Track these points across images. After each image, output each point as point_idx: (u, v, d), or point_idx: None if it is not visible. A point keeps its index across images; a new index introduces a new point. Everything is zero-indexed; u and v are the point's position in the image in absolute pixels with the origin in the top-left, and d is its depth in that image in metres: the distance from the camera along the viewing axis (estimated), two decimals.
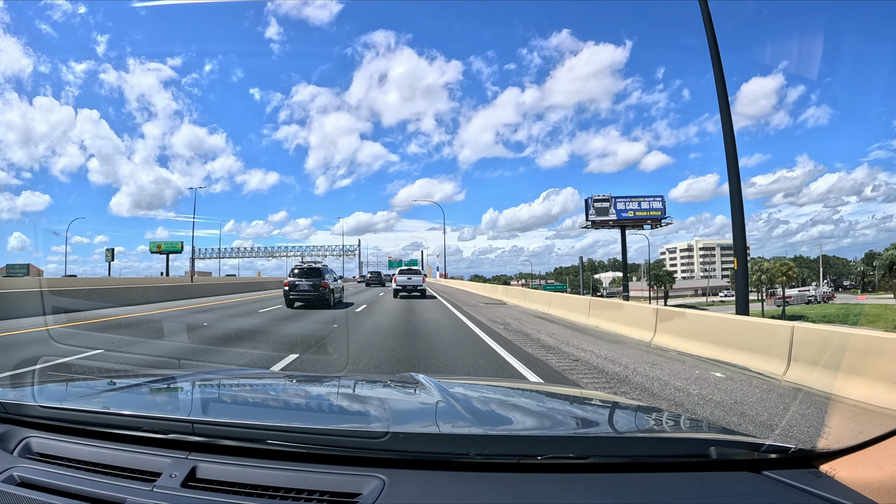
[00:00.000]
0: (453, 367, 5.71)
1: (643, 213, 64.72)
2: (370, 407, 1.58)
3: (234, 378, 2.17)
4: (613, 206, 62.71)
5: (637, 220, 63.97)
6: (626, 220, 63.48)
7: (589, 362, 6.20)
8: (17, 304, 10.99)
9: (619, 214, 62.57)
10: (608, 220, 62.49)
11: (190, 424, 1.10)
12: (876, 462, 0.93)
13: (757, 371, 5.39)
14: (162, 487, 0.96)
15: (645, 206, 65.18)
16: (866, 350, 4.25)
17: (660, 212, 65.44)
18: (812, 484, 0.92)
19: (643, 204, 65.03)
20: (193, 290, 21.97)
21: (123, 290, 16.75)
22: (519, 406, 1.61)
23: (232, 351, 6.91)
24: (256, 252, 70.05)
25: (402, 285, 21.68)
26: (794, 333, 5.07)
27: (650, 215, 65.32)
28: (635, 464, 1.02)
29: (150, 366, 5.20)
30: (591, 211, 61.98)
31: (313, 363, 6.11)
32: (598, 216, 62.33)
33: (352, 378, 2.81)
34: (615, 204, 62.93)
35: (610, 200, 62.32)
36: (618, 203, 63.06)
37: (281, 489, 0.95)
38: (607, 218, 62.36)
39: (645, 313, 8.44)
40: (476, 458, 0.98)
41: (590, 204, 62.06)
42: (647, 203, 65.36)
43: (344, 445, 1.04)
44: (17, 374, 4.08)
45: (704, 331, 6.84)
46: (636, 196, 63.82)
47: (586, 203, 62.64)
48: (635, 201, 63.88)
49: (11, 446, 1.16)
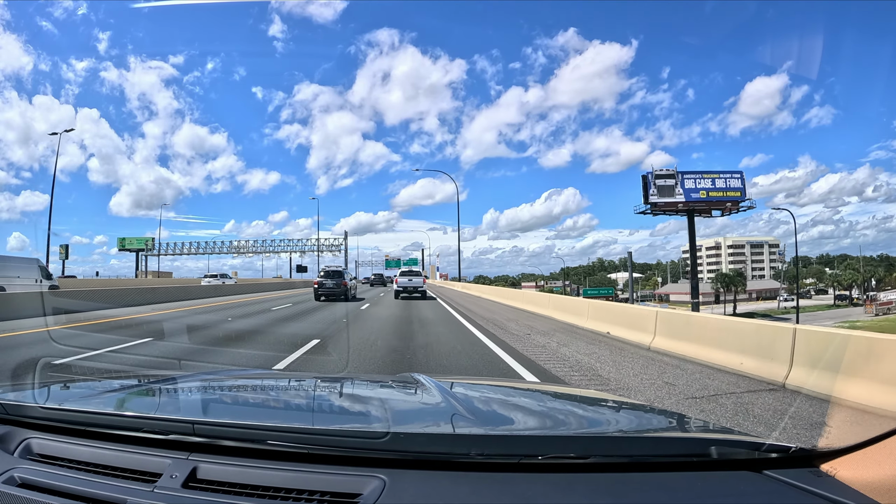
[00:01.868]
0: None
1: (718, 194, 48.99)
2: (371, 407, 1.62)
3: (235, 378, 2.22)
4: (680, 184, 46.98)
5: (712, 203, 48.10)
6: (697, 203, 47.66)
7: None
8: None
9: (688, 195, 46.66)
10: (675, 202, 46.89)
11: (190, 425, 1.13)
12: (877, 461, 0.94)
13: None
14: (163, 488, 0.99)
15: (720, 183, 49.53)
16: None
17: (738, 192, 49.59)
18: (813, 483, 0.94)
19: (718, 181, 49.41)
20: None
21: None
22: (520, 406, 1.64)
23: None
24: (228, 248, 68.65)
25: (402, 286, 22.18)
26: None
27: (727, 196, 49.37)
28: (636, 463, 1.04)
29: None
30: (653, 190, 46.42)
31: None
32: (662, 197, 46.82)
33: (352, 378, 2.95)
34: (682, 181, 47.28)
35: (676, 176, 46.94)
36: (686, 180, 47.44)
37: (282, 489, 0.97)
38: (673, 200, 46.82)
39: None
40: (477, 458, 1.01)
41: (650, 181, 46.57)
42: (723, 180, 49.62)
43: (344, 446, 1.07)
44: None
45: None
46: (709, 171, 48.49)
47: (644, 181, 47.26)
48: (708, 178, 48.19)
49: (12, 447, 1.19)
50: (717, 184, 50.68)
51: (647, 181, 49.57)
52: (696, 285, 48.92)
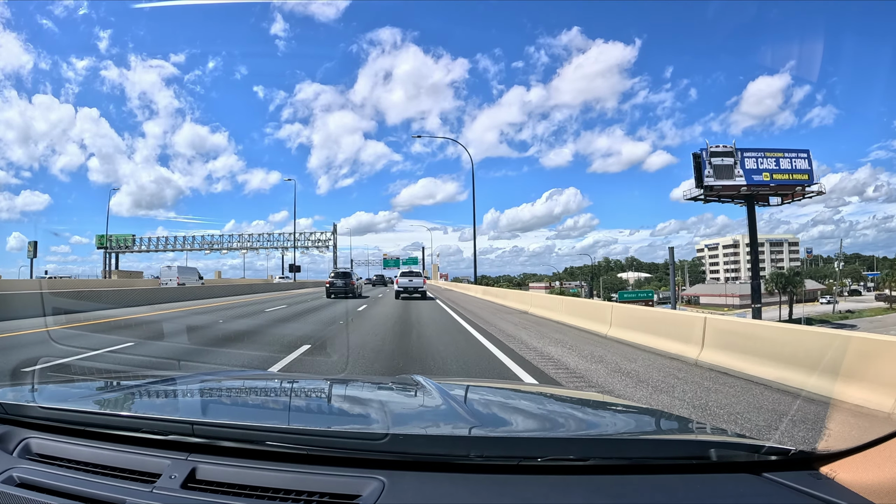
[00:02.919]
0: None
1: (783, 177, 39.01)
2: (370, 408, 1.64)
3: (234, 379, 2.29)
4: (740, 164, 36.87)
5: (778, 188, 38.10)
6: (760, 188, 37.68)
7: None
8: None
9: (749, 177, 36.59)
10: (735, 185, 36.89)
11: (190, 426, 1.17)
12: (876, 464, 0.97)
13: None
14: (161, 488, 1.02)
15: (785, 164, 39.84)
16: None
17: (805, 175, 39.47)
18: (812, 486, 0.96)
19: (782, 161, 39.41)
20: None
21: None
22: (519, 408, 1.68)
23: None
24: (201, 244, 64.46)
25: (403, 287, 22.73)
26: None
27: (793, 180, 39.22)
28: (635, 466, 1.07)
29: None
30: (708, 171, 36.64)
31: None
32: (719, 179, 37.00)
33: (352, 379, 3.02)
34: (742, 161, 37.23)
35: (735, 154, 37.26)
36: (746, 159, 37.65)
37: (281, 490, 1.00)
38: (733, 182, 36.88)
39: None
40: (476, 460, 1.04)
41: (704, 160, 36.96)
42: (788, 160, 39.94)
43: (343, 447, 1.10)
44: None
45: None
46: (772, 149, 38.34)
47: (697, 161, 37.60)
48: (771, 156, 38.60)
49: (11, 447, 1.23)
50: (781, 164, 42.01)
51: (701, 160, 40.57)
52: (757, 286, 40.23)
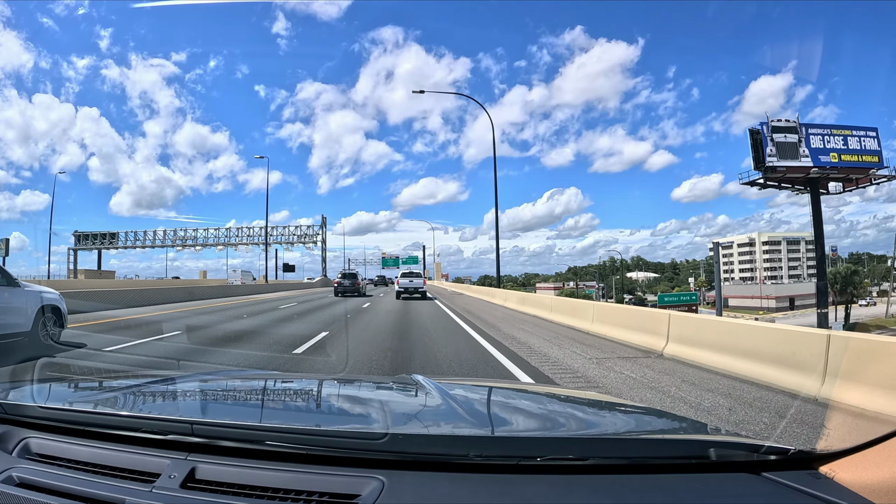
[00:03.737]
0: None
1: (851, 159, 32.48)
2: (369, 408, 1.66)
3: (234, 379, 2.32)
4: (806, 143, 29.79)
5: (849, 170, 31.40)
6: (829, 171, 30.96)
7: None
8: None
9: (816, 158, 29.63)
10: (801, 167, 29.98)
11: (189, 425, 1.18)
12: (875, 463, 0.97)
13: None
14: (161, 488, 1.04)
15: (853, 144, 33.34)
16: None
17: (875, 157, 33.01)
18: (811, 485, 0.97)
19: (850, 141, 33.07)
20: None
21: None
22: (519, 408, 1.70)
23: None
24: (173, 240, 61.12)
25: (403, 287, 23.45)
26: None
27: (863, 162, 32.67)
28: (635, 465, 1.08)
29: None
30: (770, 149, 29.51)
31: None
32: (783, 159, 29.85)
33: (351, 379, 3.13)
34: (808, 138, 30.30)
35: (799, 130, 30.23)
36: (812, 136, 30.69)
37: (280, 490, 1.02)
38: (798, 164, 29.92)
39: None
40: (475, 460, 1.04)
41: (765, 136, 30.17)
42: (857, 140, 33.82)
43: (343, 446, 1.11)
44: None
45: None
46: (839, 126, 31.59)
47: (754, 139, 31.09)
48: (839, 134, 31.86)
49: (10, 447, 1.24)
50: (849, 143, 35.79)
51: (762, 136, 34.48)
52: (823, 287, 33.73)
